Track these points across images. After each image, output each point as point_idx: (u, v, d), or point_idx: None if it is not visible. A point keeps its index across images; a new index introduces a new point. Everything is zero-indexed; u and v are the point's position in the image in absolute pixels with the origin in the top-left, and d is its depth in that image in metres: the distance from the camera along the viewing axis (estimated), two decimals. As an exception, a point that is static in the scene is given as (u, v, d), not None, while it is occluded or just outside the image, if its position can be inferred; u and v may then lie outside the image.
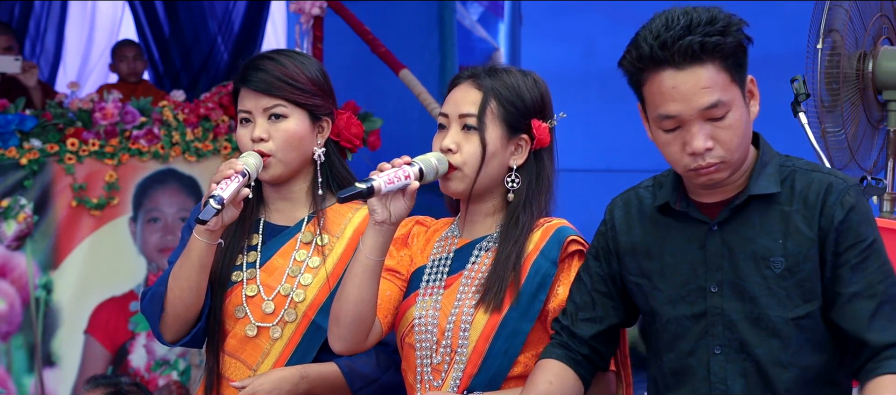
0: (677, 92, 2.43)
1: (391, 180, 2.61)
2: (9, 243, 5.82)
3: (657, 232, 2.61)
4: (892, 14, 4.00)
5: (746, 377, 2.51)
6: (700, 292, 2.54)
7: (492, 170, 2.76)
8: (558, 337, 2.69)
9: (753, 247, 2.50)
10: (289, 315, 2.94)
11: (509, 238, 2.74)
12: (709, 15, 2.44)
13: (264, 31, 8.45)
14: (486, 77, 2.78)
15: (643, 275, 2.62)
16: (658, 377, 2.63)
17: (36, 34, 8.40)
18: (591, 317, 2.67)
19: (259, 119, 2.94)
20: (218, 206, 2.73)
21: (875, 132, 4.00)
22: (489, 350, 2.71)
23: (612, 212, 2.69)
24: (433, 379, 2.75)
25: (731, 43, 2.43)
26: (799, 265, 2.48)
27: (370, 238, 2.68)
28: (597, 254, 2.68)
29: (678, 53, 2.42)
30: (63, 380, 5.89)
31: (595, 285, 2.67)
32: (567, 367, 2.66)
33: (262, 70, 2.95)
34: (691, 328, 2.55)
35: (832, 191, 2.49)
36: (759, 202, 2.52)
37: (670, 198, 2.59)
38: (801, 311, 2.49)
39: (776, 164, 2.55)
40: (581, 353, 2.67)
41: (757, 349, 2.50)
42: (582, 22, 8.28)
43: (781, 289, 2.49)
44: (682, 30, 2.42)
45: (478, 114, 2.74)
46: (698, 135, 2.44)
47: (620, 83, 2.56)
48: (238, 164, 2.83)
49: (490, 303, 2.70)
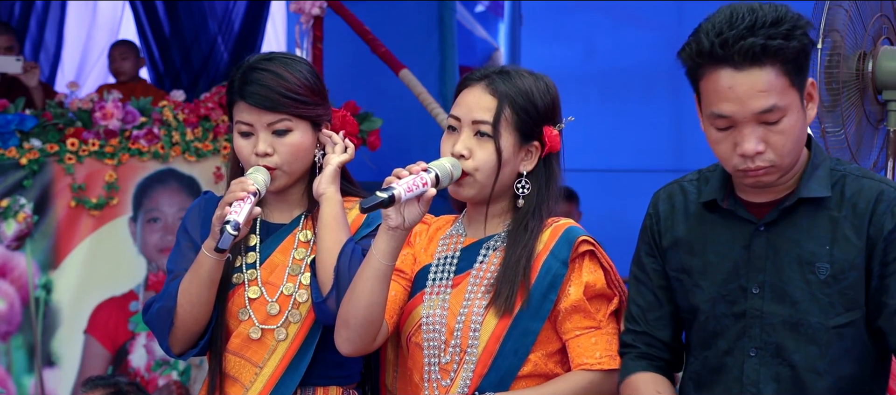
0: (733, 93, 2.38)
1: (411, 188, 2.61)
2: (9, 243, 5.82)
3: (701, 228, 2.56)
4: (892, 14, 4.00)
5: (779, 382, 2.47)
6: (741, 292, 2.50)
7: (504, 177, 2.75)
8: (635, 349, 2.63)
9: (799, 251, 2.46)
10: (293, 316, 2.94)
11: (519, 242, 2.73)
12: (775, 15, 2.37)
13: (264, 31, 8.44)
14: (499, 82, 2.75)
15: (684, 271, 2.58)
16: (694, 373, 2.59)
17: (37, 34, 8.39)
18: (662, 315, 2.63)
19: (262, 133, 2.90)
20: (235, 232, 2.73)
21: (875, 132, 3.99)
22: (500, 350, 2.71)
23: (657, 205, 2.64)
24: (441, 379, 2.75)
25: (794, 47, 2.37)
26: (844, 273, 2.44)
27: (382, 243, 2.67)
28: (650, 250, 2.64)
29: (738, 53, 2.36)
30: (63, 380, 5.88)
31: (657, 282, 2.62)
32: (661, 376, 2.60)
33: (261, 84, 2.89)
34: (730, 327, 2.51)
35: (883, 199, 2.44)
36: (808, 206, 2.47)
37: (718, 195, 2.54)
38: (842, 319, 2.45)
39: (827, 167, 2.50)
40: (663, 359, 2.62)
41: (794, 354, 2.46)
42: (582, 22, 8.27)
43: (824, 296, 2.44)
44: (746, 30, 2.36)
45: (493, 122, 2.73)
46: (750, 137, 2.39)
47: (620, 83, 2.56)
48: (249, 184, 2.81)
49: (501, 306, 2.69)
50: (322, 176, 2.89)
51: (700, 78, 2.43)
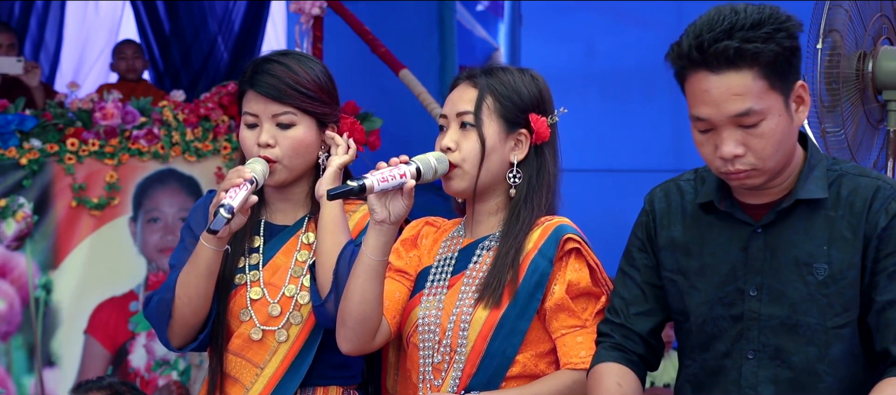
0: (709, 96, 2.37)
1: (385, 178, 2.61)
2: (8, 243, 5.82)
3: (698, 230, 2.55)
4: (892, 14, 4.00)
5: (778, 384, 2.46)
6: (738, 295, 2.48)
7: (492, 165, 2.76)
8: (610, 339, 2.61)
9: (797, 252, 2.45)
10: (294, 318, 2.94)
11: (510, 234, 2.74)
12: (758, 17, 2.35)
13: (264, 31, 8.45)
14: (482, 76, 2.80)
15: (680, 272, 2.56)
16: (692, 376, 2.57)
17: (37, 34, 8.40)
18: (645, 310, 2.60)
19: (266, 124, 2.92)
20: (228, 215, 2.72)
21: (875, 132, 3.99)
22: (487, 350, 2.71)
23: (653, 203, 2.62)
24: (434, 379, 2.76)
25: (772, 51, 2.34)
26: (843, 273, 2.43)
27: (372, 238, 2.68)
28: (642, 246, 2.62)
29: (713, 57, 2.34)
30: (63, 380, 5.88)
31: (645, 277, 2.60)
32: (628, 369, 2.58)
33: (271, 74, 2.91)
34: (728, 330, 2.50)
35: (878, 196, 2.43)
36: (805, 207, 2.46)
37: (714, 197, 2.52)
38: (841, 320, 2.44)
39: (824, 167, 2.48)
40: (636, 353, 2.60)
41: (793, 356, 2.45)
42: (582, 22, 8.26)
43: (823, 297, 2.43)
44: (722, 33, 2.34)
45: (474, 110, 2.75)
46: (728, 141, 2.38)
47: (620, 83, 2.56)
48: (246, 171, 2.81)
49: (488, 299, 2.70)
50: (323, 177, 2.89)
51: (684, 80, 2.42)
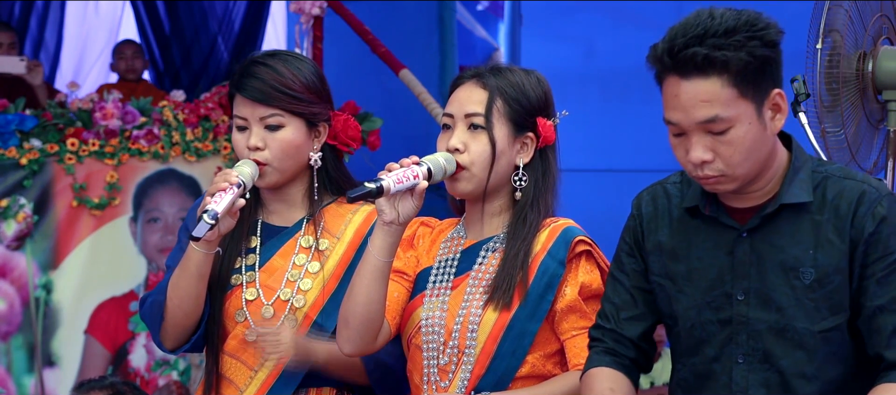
0: (678, 101, 2.37)
1: (400, 180, 2.61)
2: (9, 243, 5.82)
3: (685, 234, 2.54)
4: (892, 14, 4.00)
5: (768, 388, 2.46)
6: (726, 299, 2.48)
7: (500, 169, 2.76)
8: (601, 344, 2.61)
9: (782, 257, 2.44)
10: (289, 322, 2.93)
11: (517, 236, 2.74)
12: (734, 23, 2.34)
13: (264, 31, 8.45)
14: (490, 76, 2.78)
15: (668, 277, 2.55)
16: (682, 380, 2.57)
17: (37, 33, 8.40)
18: (635, 315, 2.60)
19: (255, 127, 2.91)
20: (211, 221, 2.70)
21: (875, 132, 3.99)
22: (497, 351, 2.71)
23: (640, 207, 2.62)
24: (440, 380, 2.75)
25: (741, 59, 2.33)
26: (829, 277, 2.42)
27: (379, 239, 2.67)
28: (631, 250, 2.61)
29: (682, 62, 2.34)
30: (63, 380, 5.88)
31: (634, 282, 2.60)
32: (620, 373, 2.58)
33: (257, 77, 2.90)
34: (717, 334, 2.49)
35: (864, 201, 2.42)
36: (790, 211, 2.45)
37: (700, 202, 2.51)
38: (828, 323, 2.43)
39: (808, 170, 2.48)
40: (628, 357, 2.59)
41: (782, 360, 2.44)
42: (582, 22, 8.26)
43: (810, 301, 2.43)
44: (694, 38, 2.33)
45: (485, 113, 2.74)
46: (697, 146, 2.38)
47: (620, 83, 2.56)
48: (233, 175, 2.80)
49: (499, 301, 2.70)
50: None
51: (661, 83, 2.43)
